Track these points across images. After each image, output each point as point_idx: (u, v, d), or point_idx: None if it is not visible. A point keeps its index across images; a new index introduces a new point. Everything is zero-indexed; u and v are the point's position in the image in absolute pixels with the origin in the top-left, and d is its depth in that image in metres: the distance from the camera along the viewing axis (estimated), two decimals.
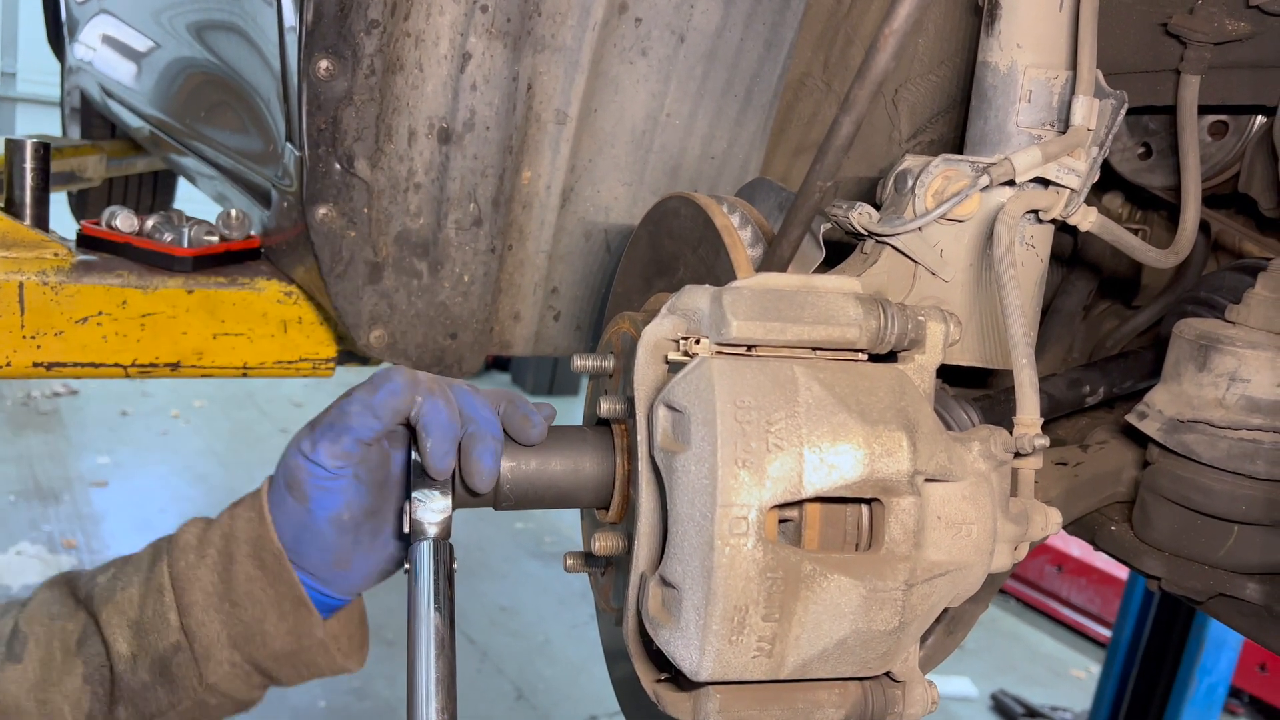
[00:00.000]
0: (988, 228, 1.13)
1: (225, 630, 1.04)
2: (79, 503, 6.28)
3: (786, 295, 0.91)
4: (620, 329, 1.12)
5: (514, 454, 1.03)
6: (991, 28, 1.16)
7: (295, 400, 8.57)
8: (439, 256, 1.61)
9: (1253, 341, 1.18)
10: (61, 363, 1.60)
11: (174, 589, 1.04)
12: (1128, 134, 1.37)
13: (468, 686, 5.00)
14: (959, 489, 0.89)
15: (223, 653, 1.04)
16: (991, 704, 5.71)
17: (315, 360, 1.77)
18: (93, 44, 3.03)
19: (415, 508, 0.98)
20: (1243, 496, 1.20)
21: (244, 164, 1.86)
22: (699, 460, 0.83)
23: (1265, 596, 1.21)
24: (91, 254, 1.67)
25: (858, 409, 0.85)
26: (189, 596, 1.03)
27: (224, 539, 1.05)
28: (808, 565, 0.83)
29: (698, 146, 1.70)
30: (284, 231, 1.67)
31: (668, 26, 1.59)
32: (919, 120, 1.57)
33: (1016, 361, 1.00)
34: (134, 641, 1.04)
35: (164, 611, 1.03)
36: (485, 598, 5.86)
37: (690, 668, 0.84)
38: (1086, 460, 1.38)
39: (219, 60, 1.94)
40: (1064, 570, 6.79)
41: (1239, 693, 5.78)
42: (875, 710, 0.91)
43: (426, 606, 0.92)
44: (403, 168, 1.52)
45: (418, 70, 1.47)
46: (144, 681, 1.03)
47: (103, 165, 3.18)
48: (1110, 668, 4.91)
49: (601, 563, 1.13)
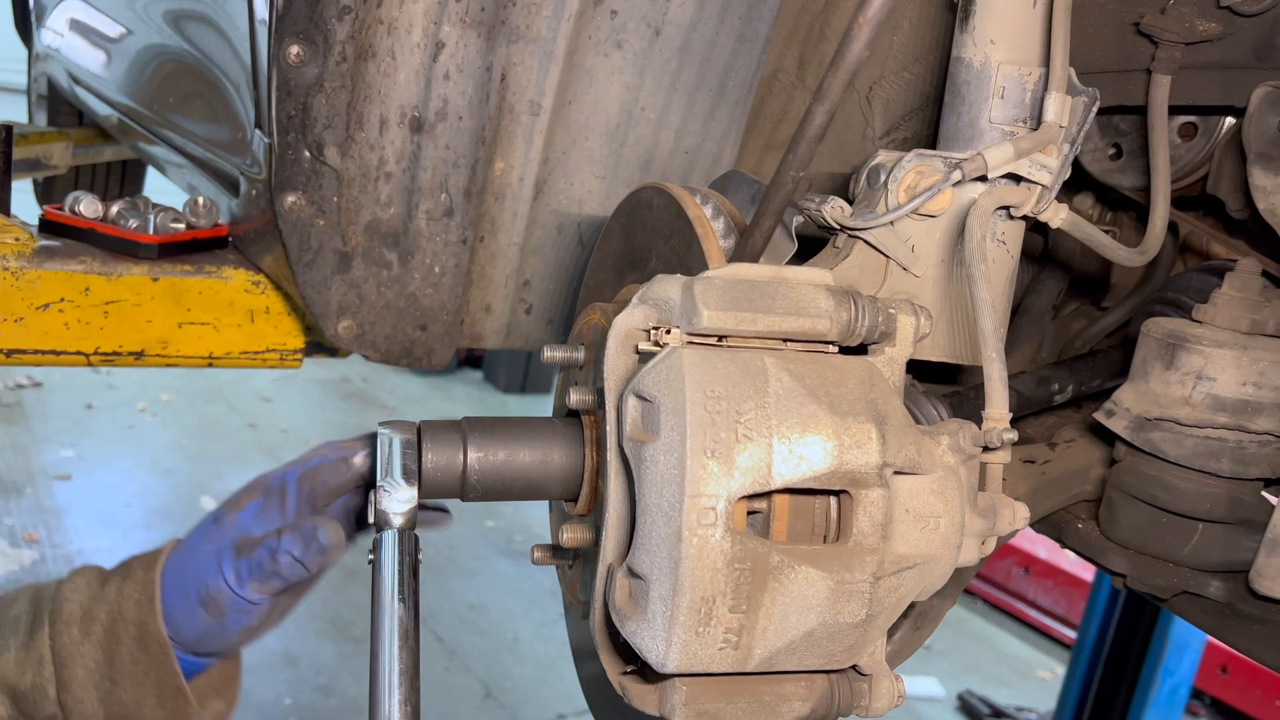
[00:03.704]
0: (959, 223, 1.14)
1: (103, 709, 1.06)
2: (42, 496, 6.19)
3: (758, 286, 0.90)
4: (591, 320, 1.11)
5: (482, 445, 1.02)
6: (966, 24, 1.16)
7: (264, 395, 8.50)
8: (409, 247, 1.59)
9: (1219, 341, 1.19)
10: (21, 350, 1.57)
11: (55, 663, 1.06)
12: (1098, 134, 1.38)
13: (435, 684, 4.97)
14: (927, 482, 0.89)
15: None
16: (958, 704, 5.75)
17: (283, 351, 1.75)
18: (60, 30, 2.98)
19: (380, 498, 0.97)
20: (1207, 494, 1.21)
21: (213, 152, 1.84)
22: (668, 450, 0.82)
23: (1228, 594, 1.22)
24: (54, 240, 1.64)
25: (827, 400, 0.85)
26: (70, 672, 1.05)
27: (110, 618, 1.07)
28: (775, 557, 0.82)
29: (671, 140, 1.70)
30: (252, 220, 1.65)
31: (643, 19, 1.59)
32: (893, 117, 1.57)
33: (986, 356, 1.00)
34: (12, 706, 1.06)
35: (43, 685, 1.05)
36: (454, 595, 5.83)
37: (656, 659, 0.83)
38: (1054, 458, 1.39)
39: (189, 46, 1.91)
40: (1031, 572, 6.84)
41: (1201, 694, 5.85)
42: (841, 703, 0.91)
43: (391, 597, 0.91)
44: (373, 156, 1.51)
45: (390, 58, 1.45)
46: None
47: (69, 153, 3.13)
48: (1075, 669, 4.96)
49: (570, 555, 1.12)
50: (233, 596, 1.06)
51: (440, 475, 1.02)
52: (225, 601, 1.06)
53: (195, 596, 1.07)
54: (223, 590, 1.06)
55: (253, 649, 1.16)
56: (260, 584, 1.06)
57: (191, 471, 6.86)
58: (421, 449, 1.01)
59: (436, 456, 1.01)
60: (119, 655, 1.05)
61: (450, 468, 1.02)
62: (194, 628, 1.07)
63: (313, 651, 4.92)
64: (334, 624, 5.14)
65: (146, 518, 6.16)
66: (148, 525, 6.05)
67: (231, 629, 1.08)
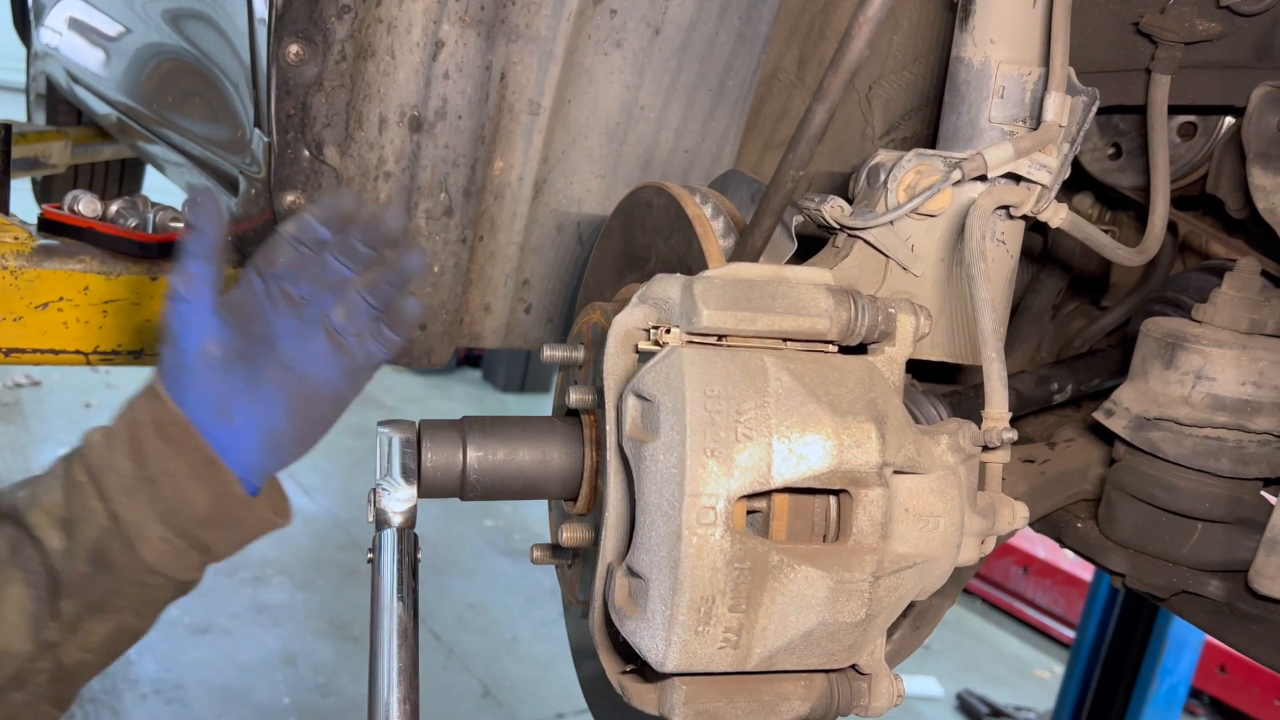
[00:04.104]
0: (959, 223, 1.14)
1: (150, 508, 1.04)
2: None
3: (758, 285, 0.90)
4: (591, 319, 1.11)
5: (481, 444, 1.02)
6: (966, 23, 1.16)
7: None
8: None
9: (1219, 340, 1.19)
10: (20, 349, 1.57)
11: (92, 481, 1.04)
12: (1098, 134, 1.38)
13: (434, 683, 4.97)
14: (927, 482, 0.89)
15: (153, 529, 1.04)
16: (957, 703, 5.75)
17: None
18: (59, 29, 2.98)
19: (380, 497, 0.98)
20: (1206, 494, 1.21)
21: (212, 151, 1.83)
22: (668, 450, 0.82)
23: (1227, 594, 1.22)
24: (53, 239, 1.63)
25: (827, 400, 0.85)
26: (108, 481, 1.03)
27: (127, 426, 1.05)
28: (775, 556, 0.82)
29: (670, 140, 1.70)
30: (252, 219, 1.65)
31: (643, 19, 1.59)
32: (892, 117, 1.57)
33: (986, 356, 1.00)
34: (65, 537, 1.04)
35: (88, 502, 1.03)
36: (453, 595, 5.83)
37: (656, 658, 0.83)
38: (1053, 457, 1.39)
39: (188, 45, 1.91)
40: (1030, 572, 6.84)
41: (1199, 693, 5.85)
42: (841, 702, 0.91)
43: (390, 596, 0.91)
44: (373, 155, 1.51)
45: (389, 57, 1.45)
46: (82, 572, 1.03)
47: (68, 152, 3.13)
48: (1074, 668, 4.96)
49: (569, 554, 1.12)
50: (172, 307, 1.01)
51: (440, 474, 1.02)
52: (169, 319, 1.01)
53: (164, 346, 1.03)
54: (166, 308, 1.01)
55: (250, 648, 1.13)
56: (179, 274, 1.00)
57: None
58: (421, 448, 1.01)
59: (436, 455, 1.01)
60: (146, 454, 1.03)
61: (450, 467, 1.02)
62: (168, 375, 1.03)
63: (311, 650, 4.92)
64: (332, 623, 5.14)
65: None
66: None
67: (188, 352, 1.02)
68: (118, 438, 1.05)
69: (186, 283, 1.01)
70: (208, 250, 1.01)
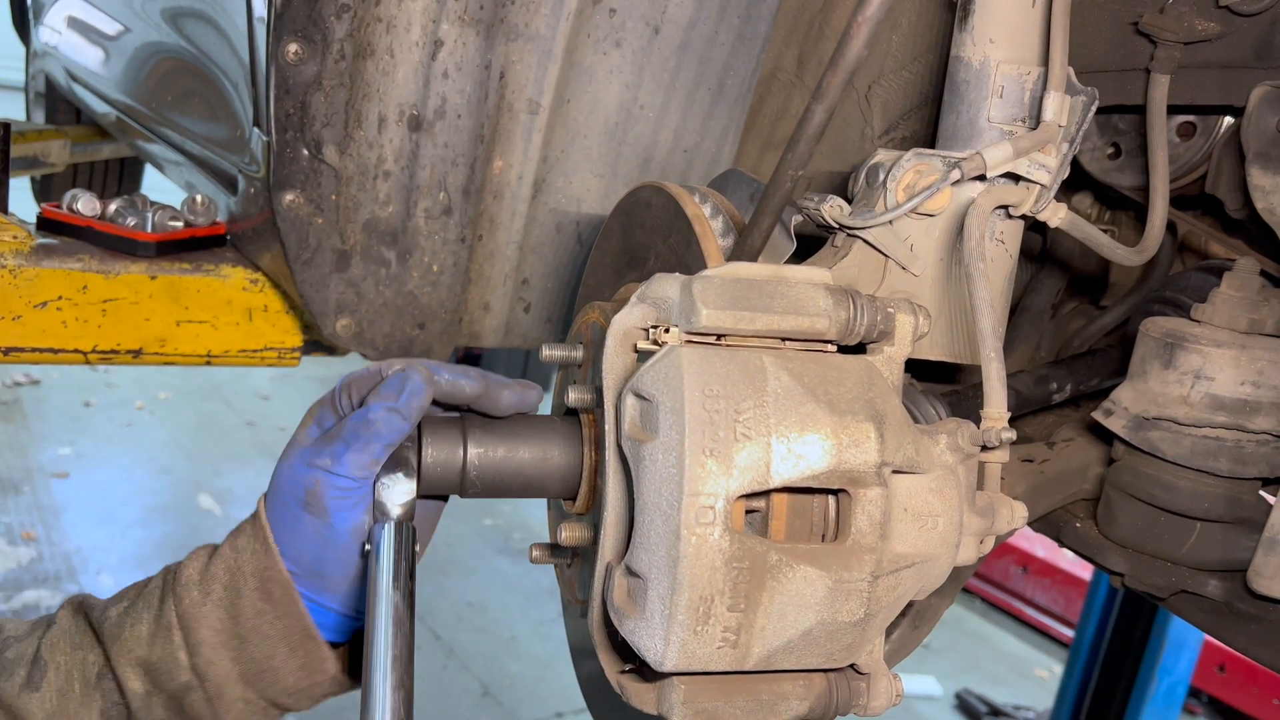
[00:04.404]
0: (958, 223, 1.14)
1: (236, 668, 1.03)
2: (39, 494, 6.19)
3: (757, 285, 0.90)
4: (590, 319, 1.11)
5: (481, 441, 1.03)
6: (965, 23, 1.16)
7: (262, 393, 8.49)
8: (408, 245, 1.59)
9: (1218, 340, 1.19)
10: (19, 348, 1.57)
11: (181, 628, 1.03)
12: (1097, 134, 1.38)
13: (433, 682, 4.97)
14: (926, 481, 0.89)
15: (235, 690, 1.03)
16: (956, 703, 5.75)
17: (280, 349, 1.74)
18: (58, 28, 2.98)
19: (379, 490, 0.98)
20: (1205, 494, 1.21)
21: (211, 150, 1.83)
22: (666, 449, 0.82)
23: (1226, 593, 1.22)
24: (52, 238, 1.64)
25: (826, 399, 0.85)
26: (197, 635, 1.02)
27: (229, 573, 1.03)
28: (774, 555, 0.82)
29: (670, 139, 1.70)
30: (250, 218, 1.65)
31: (642, 18, 1.59)
32: (892, 117, 1.57)
33: (985, 355, 1.00)
34: (146, 680, 1.03)
35: (174, 651, 1.02)
36: (452, 594, 5.83)
37: (655, 658, 0.83)
38: (1052, 457, 1.39)
39: (187, 44, 1.91)
40: (1029, 571, 6.85)
41: (1198, 693, 5.86)
42: (840, 702, 0.91)
43: (386, 586, 0.92)
44: (372, 154, 1.51)
45: (388, 56, 1.45)
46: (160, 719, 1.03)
47: (67, 151, 3.13)
48: (1073, 668, 4.96)
49: (568, 554, 1.12)
50: (333, 480, 0.98)
51: (440, 471, 1.02)
52: (325, 492, 0.98)
53: (296, 504, 1.00)
54: (319, 479, 0.98)
55: None
56: (360, 454, 0.97)
57: (189, 469, 6.85)
58: (421, 444, 1.01)
59: (436, 452, 1.02)
60: (242, 609, 1.01)
61: (450, 463, 1.02)
62: (308, 544, 1.00)
63: None
64: None
65: (144, 515, 6.15)
66: (145, 523, 6.05)
67: (342, 531, 0.99)
68: (216, 583, 1.03)
69: (363, 468, 0.98)
70: (399, 434, 0.99)
